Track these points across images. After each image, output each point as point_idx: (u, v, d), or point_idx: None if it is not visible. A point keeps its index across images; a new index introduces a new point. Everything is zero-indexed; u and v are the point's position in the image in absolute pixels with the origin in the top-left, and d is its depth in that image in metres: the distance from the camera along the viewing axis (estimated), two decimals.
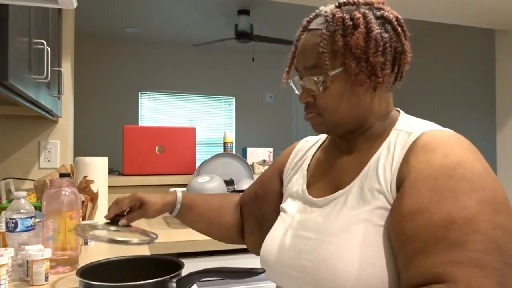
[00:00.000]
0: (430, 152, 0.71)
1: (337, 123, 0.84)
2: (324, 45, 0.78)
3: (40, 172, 2.01)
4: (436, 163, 0.69)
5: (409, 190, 0.69)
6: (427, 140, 0.73)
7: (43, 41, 1.20)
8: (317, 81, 0.80)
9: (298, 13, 4.74)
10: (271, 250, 0.88)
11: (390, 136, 0.81)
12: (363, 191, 0.77)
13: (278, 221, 0.94)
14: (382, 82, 0.80)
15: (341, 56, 0.79)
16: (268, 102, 6.89)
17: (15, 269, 1.08)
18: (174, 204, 1.04)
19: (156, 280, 0.75)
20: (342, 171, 0.86)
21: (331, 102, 0.82)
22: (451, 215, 0.63)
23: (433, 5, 2.57)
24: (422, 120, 0.84)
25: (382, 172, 0.76)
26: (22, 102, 1.12)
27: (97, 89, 5.98)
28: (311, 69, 0.81)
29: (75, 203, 1.16)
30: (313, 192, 0.90)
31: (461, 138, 0.74)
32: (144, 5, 4.68)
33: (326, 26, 0.80)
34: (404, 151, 0.75)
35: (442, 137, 0.73)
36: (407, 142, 0.77)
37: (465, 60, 5.00)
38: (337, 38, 0.78)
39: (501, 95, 3.17)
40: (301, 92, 0.86)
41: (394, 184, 0.73)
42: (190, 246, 1.57)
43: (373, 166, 0.79)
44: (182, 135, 2.28)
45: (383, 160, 0.78)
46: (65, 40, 2.07)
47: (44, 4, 0.73)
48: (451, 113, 5.16)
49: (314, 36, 0.81)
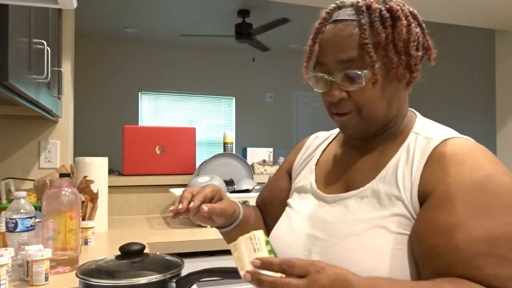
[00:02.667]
0: (457, 165, 0.69)
1: (374, 121, 0.78)
2: (366, 36, 0.73)
3: (40, 172, 2.01)
4: (466, 176, 0.68)
5: (441, 203, 0.68)
6: (451, 151, 0.71)
7: (43, 41, 1.20)
8: (362, 75, 0.74)
9: (298, 13, 4.74)
10: (279, 249, 0.85)
11: (408, 138, 0.79)
12: (380, 196, 0.75)
13: (283, 217, 0.91)
14: (415, 78, 0.78)
15: (383, 49, 0.74)
16: (268, 102, 6.89)
17: (15, 269, 1.08)
18: (238, 214, 0.91)
19: (155, 279, 0.75)
20: (355, 170, 0.83)
21: (371, 97, 0.76)
22: (493, 231, 0.64)
23: (433, 5, 2.57)
24: (438, 124, 0.81)
25: (401, 179, 0.74)
26: (22, 102, 1.12)
27: (97, 89, 5.98)
28: (348, 62, 0.75)
29: (75, 203, 1.16)
30: (322, 188, 0.87)
31: (484, 149, 0.73)
32: (144, 5, 4.69)
33: (361, 17, 0.75)
34: (424, 159, 0.73)
35: (466, 148, 0.72)
36: (427, 148, 0.74)
37: (465, 60, 5.01)
38: (378, 29, 0.74)
39: (501, 95, 3.17)
40: (331, 89, 0.77)
41: (416, 193, 0.72)
42: (190, 246, 1.57)
43: (392, 171, 0.76)
44: (182, 135, 2.28)
45: (403, 166, 0.75)
46: (65, 40, 2.07)
47: (44, 4, 0.73)
48: (451, 113, 5.16)
49: (349, 26, 0.75)
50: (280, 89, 6.91)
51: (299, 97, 7.04)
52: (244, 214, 0.92)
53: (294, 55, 6.83)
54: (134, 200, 2.15)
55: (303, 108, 7.07)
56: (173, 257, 0.85)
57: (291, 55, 6.84)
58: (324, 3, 2.63)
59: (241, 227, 0.91)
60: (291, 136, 6.87)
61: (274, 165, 2.46)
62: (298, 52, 6.72)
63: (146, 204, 2.17)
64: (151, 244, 1.54)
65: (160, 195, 2.19)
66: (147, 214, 2.17)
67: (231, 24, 5.15)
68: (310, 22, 0.99)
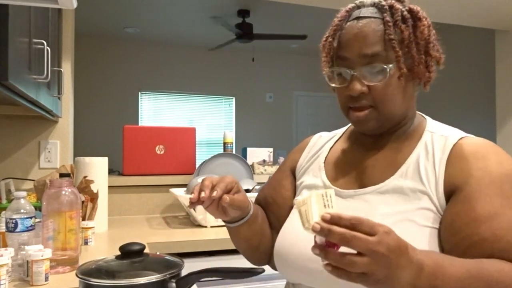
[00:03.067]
0: (483, 160, 0.75)
1: (391, 117, 0.81)
2: (391, 32, 0.77)
3: (40, 172, 2.01)
4: (494, 170, 0.73)
5: (475, 195, 0.71)
6: (473, 147, 0.77)
7: (43, 41, 1.20)
8: (387, 69, 0.77)
9: (298, 13, 4.74)
10: (292, 245, 0.83)
11: (424, 137, 0.82)
12: (403, 190, 0.77)
13: (292, 216, 0.89)
14: (432, 78, 0.81)
15: (406, 46, 0.78)
16: (268, 102, 6.89)
17: (15, 269, 1.08)
18: (249, 209, 0.88)
19: (155, 279, 0.75)
20: (369, 167, 0.85)
21: (392, 93, 0.79)
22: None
23: (433, 5, 2.57)
24: (448, 126, 0.86)
25: (424, 174, 0.77)
26: (22, 102, 1.12)
27: (97, 89, 5.98)
28: (373, 57, 0.77)
29: (75, 203, 1.16)
30: (334, 184, 0.87)
31: (499, 146, 0.79)
32: (144, 5, 4.69)
33: (385, 15, 0.78)
34: (445, 155, 0.77)
35: (487, 145, 0.78)
36: (446, 146, 0.78)
37: (465, 60, 5.01)
38: (401, 27, 0.78)
39: (501, 95, 3.17)
40: (351, 83, 0.79)
41: (441, 188, 0.75)
42: (190, 246, 1.57)
43: (414, 167, 0.79)
44: (182, 135, 2.28)
45: (424, 161, 0.78)
46: (65, 40, 2.07)
47: (44, 4, 0.73)
48: (451, 113, 5.17)
49: (373, 23, 0.78)
50: (280, 89, 6.91)
51: (299, 97, 7.04)
52: (253, 210, 0.90)
53: (294, 55, 6.83)
54: (134, 200, 2.15)
55: (303, 108, 7.07)
56: (173, 257, 0.85)
57: (291, 55, 6.83)
58: (324, 3, 2.63)
59: (249, 223, 0.89)
60: (291, 136, 6.87)
61: (274, 165, 2.46)
62: (298, 52, 6.72)
63: (146, 204, 2.17)
64: (151, 244, 1.54)
65: (160, 195, 2.19)
66: (147, 214, 2.17)
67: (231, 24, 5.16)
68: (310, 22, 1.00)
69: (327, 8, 2.75)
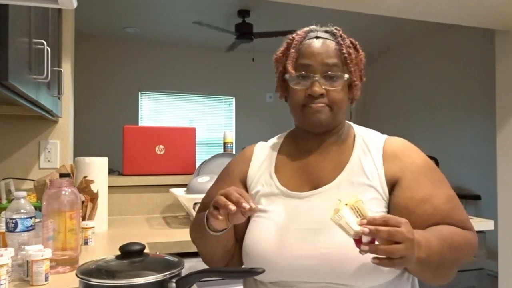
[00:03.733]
0: (409, 156, 0.99)
1: (337, 117, 1.00)
2: (345, 51, 0.98)
3: (40, 172, 2.01)
4: (418, 163, 0.99)
5: (412, 184, 0.95)
6: (399, 146, 1.01)
7: (43, 41, 1.20)
8: (344, 77, 0.97)
9: (298, 13, 4.74)
10: (269, 249, 0.93)
11: (357, 140, 1.03)
12: (354, 184, 0.96)
13: (261, 221, 0.97)
14: (356, 99, 1.05)
15: (354, 65, 0.99)
16: (268, 102, 6.89)
17: (15, 269, 1.08)
18: None
19: (155, 279, 0.75)
20: (318, 169, 1.01)
21: (341, 98, 0.99)
22: (449, 193, 0.97)
23: (433, 5, 2.57)
24: (368, 129, 1.08)
25: (368, 170, 0.97)
26: (22, 102, 1.12)
27: (97, 89, 5.98)
28: (332, 66, 0.97)
29: (75, 203, 1.16)
30: (290, 189, 1.00)
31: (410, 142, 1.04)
32: (144, 5, 4.68)
33: (338, 39, 0.99)
34: (380, 153, 0.99)
35: (406, 144, 1.03)
36: (377, 146, 1.00)
37: (465, 60, 5.00)
38: (350, 51, 0.99)
39: (501, 95, 3.17)
40: (312, 85, 0.96)
41: (384, 180, 0.96)
42: (190, 246, 1.57)
43: (357, 165, 0.98)
44: (182, 135, 2.28)
45: (364, 161, 0.99)
46: (65, 40, 2.07)
47: (44, 4, 0.73)
48: (451, 113, 5.16)
49: (331, 42, 0.99)
50: None
51: None
52: None
53: None
54: (134, 200, 2.15)
55: None
56: (173, 257, 0.85)
57: None
58: (324, 3, 2.63)
59: (229, 229, 0.97)
60: None
61: None
62: None
63: (146, 204, 2.17)
64: (151, 244, 1.54)
65: (160, 195, 2.19)
66: (147, 214, 2.17)
67: (231, 24, 5.15)
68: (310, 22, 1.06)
69: (327, 8, 2.75)
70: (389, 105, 6.27)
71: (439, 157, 5.23)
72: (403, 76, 6.01)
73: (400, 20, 4.34)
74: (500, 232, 3.11)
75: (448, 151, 5.18)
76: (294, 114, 1.03)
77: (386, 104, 6.38)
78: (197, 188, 1.84)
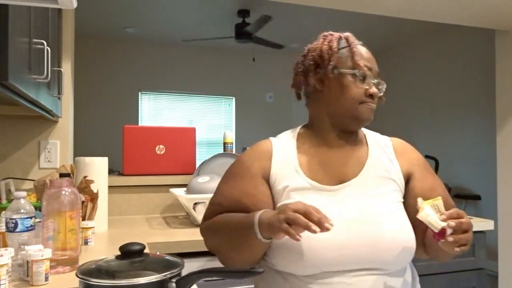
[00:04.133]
0: (413, 153, 1.16)
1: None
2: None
3: (40, 172, 2.01)
4: (419, 158, 1.15)
5: (422, 176, 1.11)
6: (403, 145, 1.16)
7: (43, 41, 1.20)
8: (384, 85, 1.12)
9: (298, 13, 4.74)
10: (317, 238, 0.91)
11: (368, 139, 1.15)
12: (377, 178, 1.06)
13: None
14: None
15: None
16: (268, 102, 6.88)
17: (15, 269, 1.08)
18: None
19: (155, 279, 0.75)
20: (341, 164, 1.07)
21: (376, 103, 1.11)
22: (442, 184, 1.14)
23: (433, 5, 2.57)
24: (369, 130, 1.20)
25: (386, 164, 1.09)
26: (22, 102, 1.12)
27: (97, 89, 5.98)
28: (378, 74, 1.11)
29: (75, 203, 1.16)
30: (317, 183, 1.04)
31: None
32: (144, 5, 4.68)
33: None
34: (391, 150, 1.13)
35: (405, 142, 1.18)
36: (386, 144, 1.14)
37: (465, 60, 5.01)
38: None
39: (501, 95, 3.17)
40: (371, 87, 1.08)
41: (400, 174, 1.10)
42: (190, 246, 1.57)
43: (376, 160, 1.09)
44: (182, 135, 2.28)
45: (381, 155, 1.11)
46: (65, 40, 2.07)
47: (44, 4, 0.73)
48: (451, 113, 5.16)
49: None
50: (280, 89, 6.90)
51: None
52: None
53: (294, 55, 6.81)
54: (134, 200, 2.15)
55: (303, 108, 7.04)
56: (173, 257, 0.85)
57: (291, 55, 6.81)
58: (324, 3, 2.63)
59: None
60: None
61: None
62: (298, 52, 6.71)
63: (146, 204, 2.17)
64: (151, 244, 1.54)
65: (160, 195, 2.19)
66: (147, 214, 2.17)
67: (231, 24, 5.15)
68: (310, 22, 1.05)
69: (327, 8, 2.75)
70: (389, 105, 6.26)
71: (439, 157, 5.22)
72: (403, 76, 6.00)
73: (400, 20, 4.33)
74: (500, 232, 3.11)
75: (448, 151, 5.18)
76: (346, 108, 1.07)
77: (386, 104, 6.36)
78: (197, 188, 1.84)
